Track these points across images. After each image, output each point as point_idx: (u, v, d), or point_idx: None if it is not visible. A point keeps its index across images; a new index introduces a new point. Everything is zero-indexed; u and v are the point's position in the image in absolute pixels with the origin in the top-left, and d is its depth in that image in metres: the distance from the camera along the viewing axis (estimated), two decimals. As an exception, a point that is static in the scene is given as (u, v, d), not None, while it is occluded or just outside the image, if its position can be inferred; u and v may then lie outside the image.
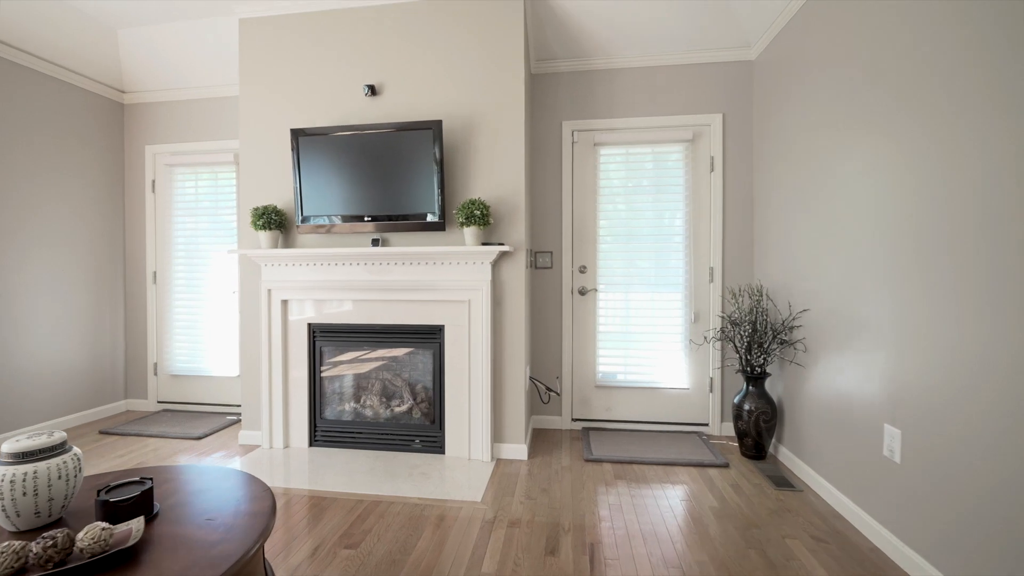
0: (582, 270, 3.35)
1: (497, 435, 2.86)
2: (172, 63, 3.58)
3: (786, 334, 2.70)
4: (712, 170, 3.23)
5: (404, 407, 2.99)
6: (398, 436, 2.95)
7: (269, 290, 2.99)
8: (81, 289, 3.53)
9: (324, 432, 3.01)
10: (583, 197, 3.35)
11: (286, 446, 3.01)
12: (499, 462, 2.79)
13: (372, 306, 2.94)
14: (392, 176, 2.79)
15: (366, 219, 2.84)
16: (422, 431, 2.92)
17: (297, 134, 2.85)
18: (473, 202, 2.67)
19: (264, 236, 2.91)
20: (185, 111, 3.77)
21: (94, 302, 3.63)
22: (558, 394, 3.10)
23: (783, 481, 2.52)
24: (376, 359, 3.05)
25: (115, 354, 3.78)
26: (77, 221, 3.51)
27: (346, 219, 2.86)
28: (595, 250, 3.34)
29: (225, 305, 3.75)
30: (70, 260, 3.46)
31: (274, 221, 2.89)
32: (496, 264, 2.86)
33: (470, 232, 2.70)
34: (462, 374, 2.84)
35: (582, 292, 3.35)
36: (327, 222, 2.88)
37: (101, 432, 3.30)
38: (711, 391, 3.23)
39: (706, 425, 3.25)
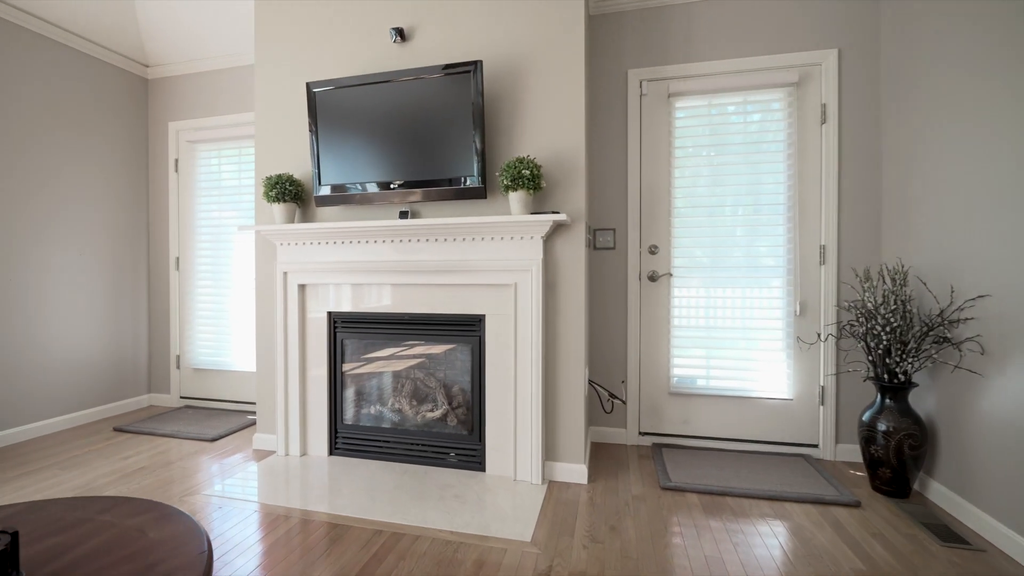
0: (652, 251, 2.74)
1: (550, 451, 2.31)
2: (193, 28, 3.28)
3: (946, 329, 1.99)
4: (824, 121, 2.53)
5: (437, 413, 2.50)
6: (430, 447, 2.46)
7: (285, 273, 2.59)
8: (103, 276, 3.31)
9: (346, 439, 2.58)
10: (654, 162, 2.74)
11: (303, 453, 2.60)
12: (552, 486, 2.24)
13: (401, 292, 2.47)
14: (424, 134, 2.30)
15: (393, 186, 2.37)
16: (458, 442, 2.42)
17: (313, 88, 2.43)
18: (521, 160, 2.13)
19: (278, 210, 2.50)
20: (208, 82, 3.48)
21: (116, 290, 3.40)
22: (623, 402, 2.52)
23: (948, 533, 1.81)
24: (405, 355, 2.58)
25: (137, 345, 3.54)
26: (100, 204, 3.28)
27: (370, 187, 2.40)
28: (669, 226, 2.72)
29: (249, 293, 3.42)
30: (92, 246, 3.23)
31: (289, 192, 2.48)
32: (549, 240, 2.31)
33: (517, 199, 2.17)
34: (506, 374, 2.32)
35: (652, 278, 2.74)
36: (348, 191, 2.44)
37: (115, 429, 3.04)
38: (822, 403, 2.53)
39: (815, 446, 2.55)
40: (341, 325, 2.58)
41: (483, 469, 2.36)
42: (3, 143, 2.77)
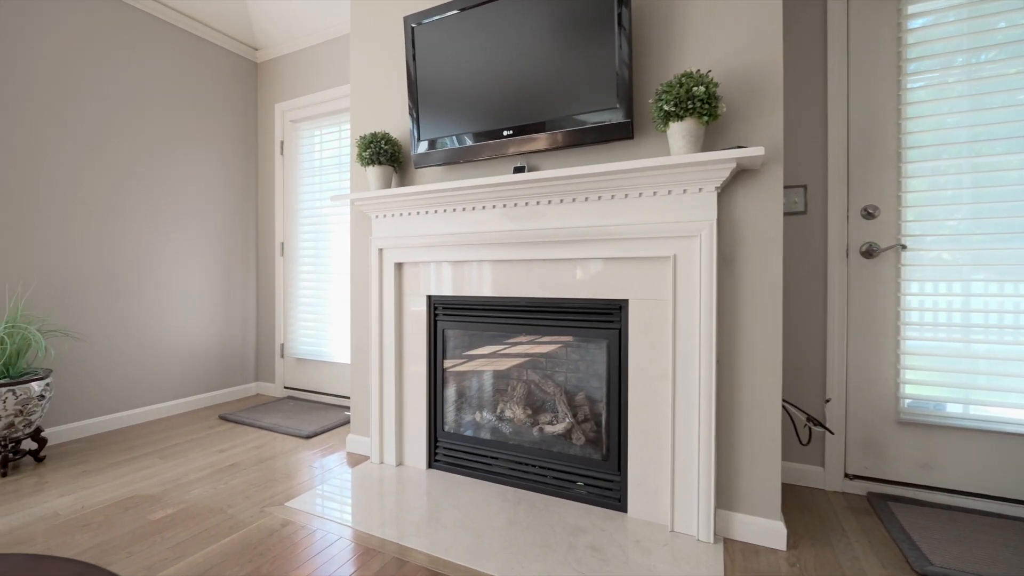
0: (869, 214, 1.90)
1: (723, 495, 1.62)
2: (295, 4, 3.10)
3: None
4: None
5: (559, 427, 1.94)
6: (550, 471, 1.90)
7: (380, 250, 2.20)
8: (215, 262, 3.27)
9: (447, 451, 2.13)
10: (869, 85, 1.90)
11: (399, 463, 2.20)
12: (730, 547, 1.55)
13: (513, 270, 1.95)
14: (545, 63, 1.75)
15: (506, 133, 1.85)
16: (588, 468, 1.83)
17: (411, 23, 2.00)
18: (690, 76, 1.48)
19: (373, 174, 2.13)
20: (308, 59, 3.29)
21: (227, 276, 3.35)
22: (829, 431, 1.73)
23: None
24: (517, 351, 2.06)
25: (246, 333, 3.48)
26: (212, 191, 3.25)
27: (477, 137, 1.92)
28: (897, 176, 1.86)
29: (346, 279, 3.17)
30: (205, 232, 3.20)
31: (385, 152, 2.09)
32: (725, 193, 1.62)
33: (682, 133, 1.52)
34: (659, 383, 1.67)
35: (869, 252, 1.90)
36: (450, 145, 1.98)
37: (220, 417, 2.93)
38: None
39: None
40: (442, 312, 2.13)
41: (624, 509, 1.75)
42: (125, 127, 2.76)
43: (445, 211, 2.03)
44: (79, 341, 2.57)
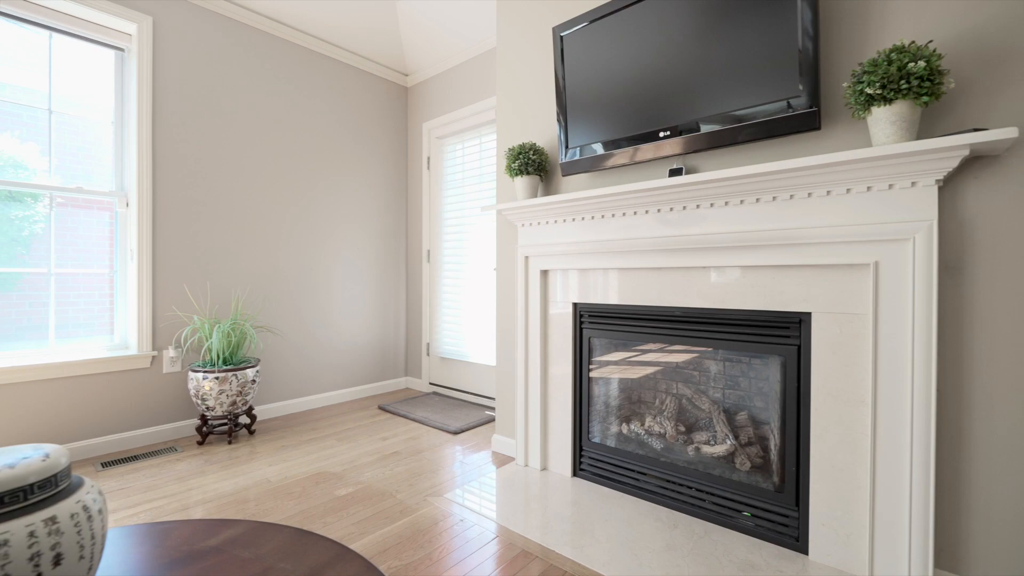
0: None
1: (946, 554, 1.34)
2: (442, 28, 3.35)
3: None
4: None
5: (719, 449, 1.78)
6: (709, 495, 1.76)
7: (526, 257, 2.26)
8: (373, 269, 3.68)
9: (592, 460, 2.10)
10: None
11: (543, 468, 2.23)
12: (956, 618, 1.27)
13: (667, 278, 1.85)
14: (704, 54, 1.63)
15: (662, 135, 1.76)
16: (756, 497, 1.66)
17: (560, 32, 2.01)
18: (902, 50, 1.25)
19: (520, 184, 2.19)
20: (452, 78, 3.53)
21: (382, 281, 3.75)
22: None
23: None
24: (668, 363, 1.95)
25: (397, 332, 3.86)
26: (370, 206, 3.66)
27: (629, 141, 1.85)
28: None
29: (482, 284, 3.33)
30: (365, 242, 3.62)
31: (532, 162, 2.14)
32: (949, 186, 1.34)
33: (889, 119, 1.29)
34: (852, 410, 1.44)
35: None
36: (599, 151, 1.95)
37: (379, 407, 3.28)
38: None
39: None
40: (588, 320, 2.11)
41: (803, 550, 1.54)
42: (308, 154, 3.25)
43: (592, 218, 2.00)
44: (276, 335, 3.08)
